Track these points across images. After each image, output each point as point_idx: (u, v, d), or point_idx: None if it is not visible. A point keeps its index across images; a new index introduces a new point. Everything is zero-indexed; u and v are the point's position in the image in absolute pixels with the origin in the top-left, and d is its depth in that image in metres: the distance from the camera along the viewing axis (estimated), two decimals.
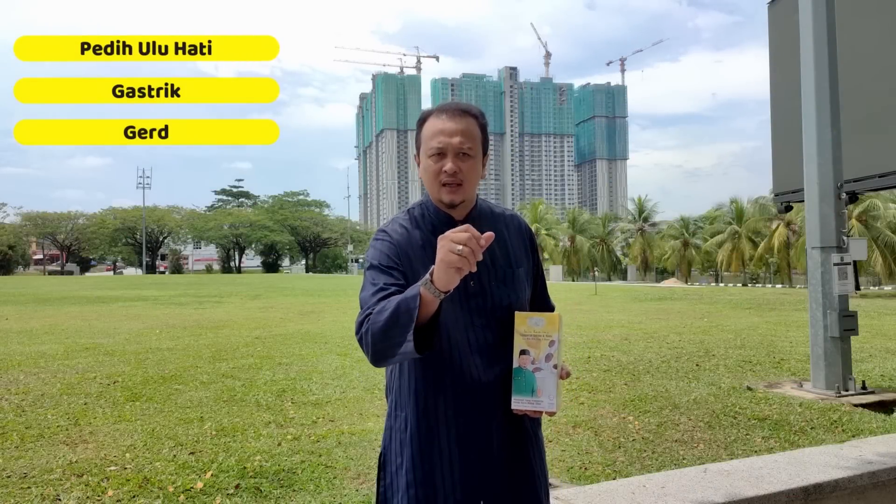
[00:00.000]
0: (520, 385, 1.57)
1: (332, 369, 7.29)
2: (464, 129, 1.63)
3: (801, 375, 6.79)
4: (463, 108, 1.67)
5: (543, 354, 1.56)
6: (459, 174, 1.62)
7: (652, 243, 56.02)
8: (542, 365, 1.56)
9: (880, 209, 32.54)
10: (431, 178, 1.66)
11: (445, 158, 1.62)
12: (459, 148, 1.62)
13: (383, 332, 1.46)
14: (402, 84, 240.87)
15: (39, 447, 4.31)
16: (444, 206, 1.68)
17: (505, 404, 1.60)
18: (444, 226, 1.69)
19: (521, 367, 1.57)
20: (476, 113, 1.69)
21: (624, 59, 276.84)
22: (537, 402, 1.55)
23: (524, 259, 1.76)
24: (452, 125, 1.63)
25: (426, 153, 1.66)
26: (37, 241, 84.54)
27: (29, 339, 10.27)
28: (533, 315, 1.60)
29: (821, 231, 6.16)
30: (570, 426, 4.78)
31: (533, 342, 1.57)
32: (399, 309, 1.44)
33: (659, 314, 15.05)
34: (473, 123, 1.66)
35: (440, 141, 1.62)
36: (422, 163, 1.69)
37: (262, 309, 17.22)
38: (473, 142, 1.65)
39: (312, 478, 3.69)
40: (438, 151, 1.63)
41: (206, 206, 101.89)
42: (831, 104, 6.12)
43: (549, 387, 1.55)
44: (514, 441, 1.67)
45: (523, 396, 1.56)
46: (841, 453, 3.48)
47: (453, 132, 1.62)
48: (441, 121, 1.65)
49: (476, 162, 1.67)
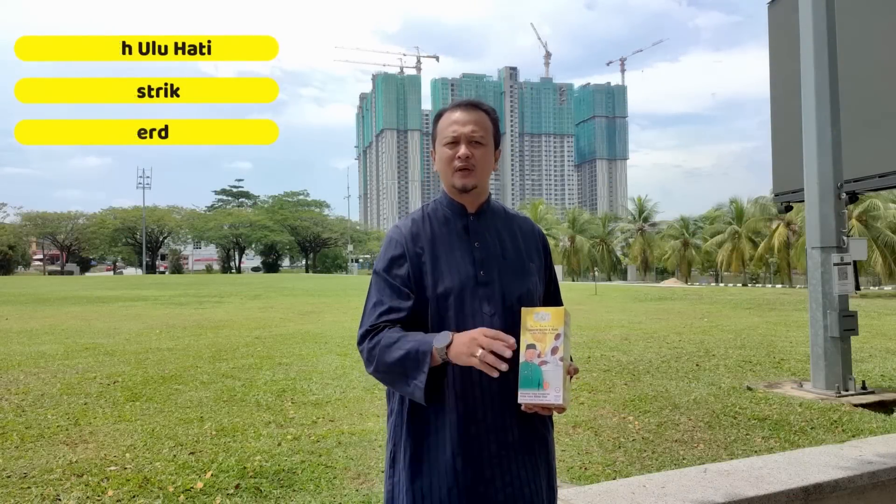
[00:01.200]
0: (526, 379, 1.56)
1: (332, 369, 7.30)
2: (476, 120, 1.74)
3: (801, 375, 6.79)
4: (475, 103, 1.78)
5: (549, 348, 1.56)
6: (472, 159, 1.72)
7: (652, 243, 56.01)
8: (548, 358, 1.56)
9: (880, 209, 32.52)
10: (445, 165, 1.75)
11: (459, 145, 1.72)
12: (472, 136, 1.72)
13: (390, 376, 1.61)
14: (402, 84, 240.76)
15: (39, 447, 4.31)
16: (457, 192, 1.76)
17: (513, 398, 1.61)
18: (457, 216, 1.77)
19: (528, 360, 1.57)
20: (487, 108, 1.79)
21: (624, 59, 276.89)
22: (543, 395, 1.54)
23: (535, 257, 1.81)
24: (465, 116, 1.74)
25: (441, 142, 1.76)
26: (37, 241, 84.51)
27: (29, 339, 10.27)
28: (539, 310, 1.61)
29: (821, 231, 6.16)
30: (570, 426, 4.78)
31: (539, 336, 1.58)
32: (407, 358, 1.56)
33: (659, 314, 15.05)
34: (485, 116, 1.76)
35: (454, 130, 1.73)
36: (437, 153, 1.79)
37: (262, 309, 17.22)
38: (485, 131, 1.75)
39: (312, 478, 3.69)
40: (453, 140, 1.73)
41: (206, 206, 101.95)
42: (831, 104, 6.12)
43: (556, 380, 1.54)
44: (521, 439, 1.67)
45: (529, 390, 1.56)
46: (841, 453, 3.48)
47: (466, 122, 1.73)
48: (455, 113, 1.76)
49: (488, 150, 1.76)
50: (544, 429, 1.74)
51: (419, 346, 1.56)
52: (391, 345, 1.59)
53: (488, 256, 1.72)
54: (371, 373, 1.66)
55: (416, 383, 1.55)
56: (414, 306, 1.67)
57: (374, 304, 1.69)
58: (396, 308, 1.66)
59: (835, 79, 6.15)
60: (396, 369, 1.58)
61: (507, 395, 1.63)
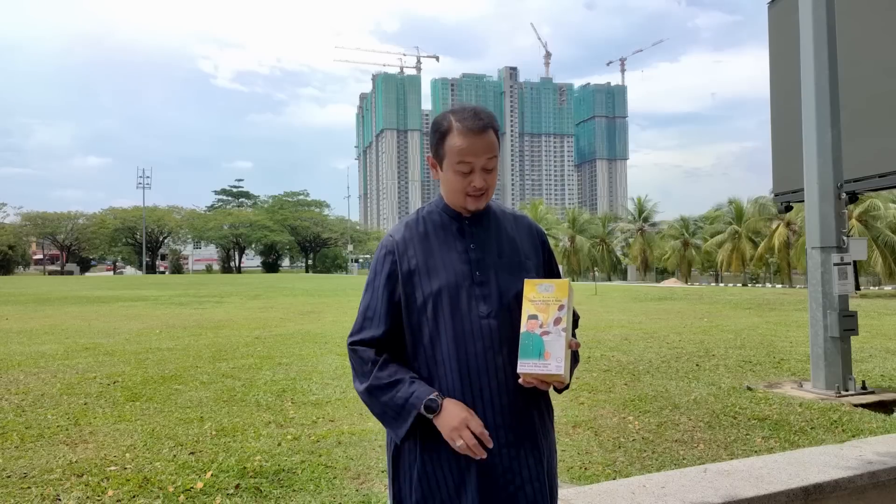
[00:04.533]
0: (527, 349, 1.53)
1: (332, 369, 7.29)
2: (488, 146, 1.67)
3: (801, 375, 6.79)
4: (485, 123, 1.67)
5: (552, 318, 1.54)
6: (485, 186, 1.70)
7: (652, 243, 55.98)
8: (550, 328, 1.53)
9: (880, 209, 32.48)
10: (456, 191, 1.71)
11: (473, 174, 1.68)
12: (487, 166, 1.68)
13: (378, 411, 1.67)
14: (402, 84, 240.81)
15: (39, 447, 4.31)
16: (468, 212, 1.75)
17: (510, 396, 1.62)
18: (452, 219, 1.76)
19: (529, 331, 1.54)
20: (495, 125, 1.73)
21: (624, 59, 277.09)
22: (545, 366, 1.51)
23: (533, 255, 1.79)
24: (479, 144, 1.65)
25: (451, 167, 1.69)
26: (37, 241, 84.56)
27: (29, 339, 10.27)
28: (543, 281, 1.60)
29: (821, 231, 6.16)
30: (570, 426, 4.78)
31: (542, 307, 1.55)
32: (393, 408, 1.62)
33: (659, 314, 15.04)
34: (494, 135, 1.71)
35: (469, 161, 1.66)
36: (444, 174, 1.72)
37: (262, 309, 17.21)
38: (496, 153, 1.71)
39: (312, 478, 3.68)
40: (468, 170, 1.67)
41: (206, 206, 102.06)
42: (831, 104, 6.12)
43: (557, 350, 1.51)
44: (518, 434, 1.65)
45: (530, 360, 1.53)
46: (841, 453, 3.48)
47: (480, 151, 1.66)
48: (467, 139, 1.65)
49: (496, 170, 1.75)
50: (545, 427, 1.73)
51: (406, 403, 1.60)
52: (380, 385, 1.63)
53: (484, 257, 1.70)
54: (358, 391, 1.70)
55: (398, 432, 1.63)
56: (404, 314, 1.68)
57: (363, 309, 1.73)
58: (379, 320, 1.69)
59: (835, 79, 6.14)
60: (378, 410, 1.66)
61: (505, 395, 1.63)
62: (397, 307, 1.68)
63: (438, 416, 1.56)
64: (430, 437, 1.62)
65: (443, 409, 1.56)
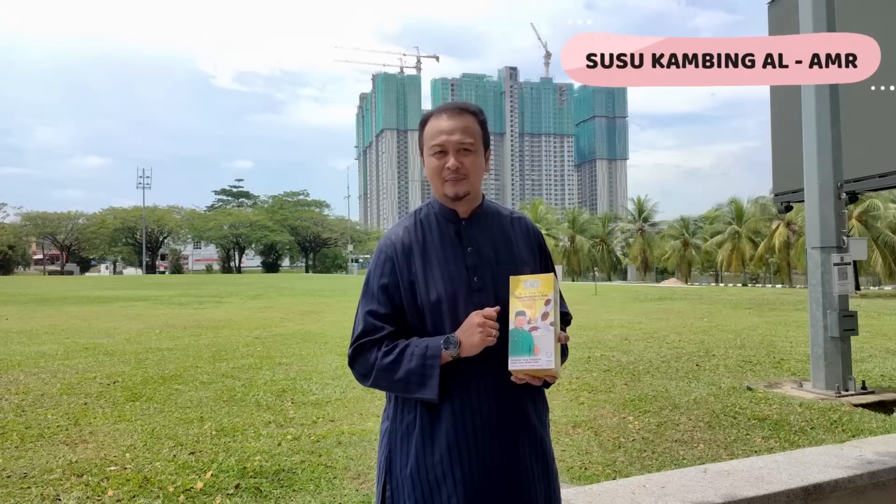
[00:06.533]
0: (516, 346, 1.54)
1: (332, 369, 7.29)
2: (463, 127, 1.68)
3: (801, 375, 6.79)
4: (461, 107, 1.72)
5: (540, 313, 1.54)
6: (462, 169, 1.68)
7: (652, 243, 55.99)
8: (538, 323, 1.54)
9: (880, 209, 32.52)
10: (435, 175, 1.70)
11: (447, 156, 1.67)
12: (460, 144, 1.67)
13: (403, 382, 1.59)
14: (402, 84, 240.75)
15: (39, 447, 4.31)
16: (450, 200, 1.72)
17: (508, 395, 1.61)
18: (449, 221, 1.74)
19: (518, 327, 1.55)
20: (474, 110, 1.73)
21: None
22: (535, 361, 1.52)
23: (530, 259, 1.77)
24: (452, 123, 1.68)
25: (428, 152, 1.71)
26: (37, 241, 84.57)
27: (29, 339, 10.27)
28: (527, 277, 1.60)
29: (821, 231, 6.16)
30: (570, 426, 4.78)
31: (528, 303, 1.56)
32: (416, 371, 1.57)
33: (659, 314, 15.05)
34: (472, 120, 1.71)
35: (441, 139, 1.67)
36: (425, 162, 1.74)
37: (262, 309, 17.22)
38: (474, 137, 1.69)
39: (312, 478, 3.68)
40: (440, 150, 1.68)
41: (206, 206, 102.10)
42: (831, 104, 6.12)
43: (547, 345, 1.52)
44: (516, 440, 1.65)
45: (520, 356, 1.53)
46: (841, 453, 3.48)
47: (453, 130, 1.67)
48: (441, 120, 1.69)
49: (478, 156, 1.71)
50: (544, 427, 1.73)
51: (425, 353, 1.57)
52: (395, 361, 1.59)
53: (482, 262, 1.69)
54: (370, 380, 1.65)
55: (431, 389, 1.57)
56: (406, 316, 1.66)
57: (363, 314, 1.69)
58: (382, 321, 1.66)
59: None
60: (409, 384, 1.59)
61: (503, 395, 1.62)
62: (398, 311, 1.67)
63: (462, 347, 1.56)
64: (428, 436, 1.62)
65: (460, 338, 1.56)
